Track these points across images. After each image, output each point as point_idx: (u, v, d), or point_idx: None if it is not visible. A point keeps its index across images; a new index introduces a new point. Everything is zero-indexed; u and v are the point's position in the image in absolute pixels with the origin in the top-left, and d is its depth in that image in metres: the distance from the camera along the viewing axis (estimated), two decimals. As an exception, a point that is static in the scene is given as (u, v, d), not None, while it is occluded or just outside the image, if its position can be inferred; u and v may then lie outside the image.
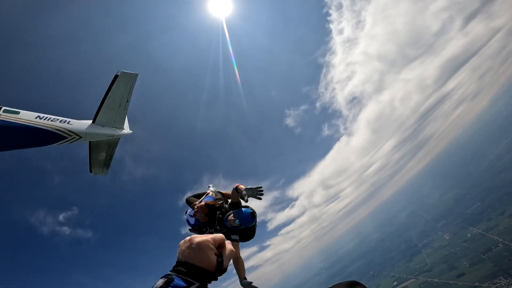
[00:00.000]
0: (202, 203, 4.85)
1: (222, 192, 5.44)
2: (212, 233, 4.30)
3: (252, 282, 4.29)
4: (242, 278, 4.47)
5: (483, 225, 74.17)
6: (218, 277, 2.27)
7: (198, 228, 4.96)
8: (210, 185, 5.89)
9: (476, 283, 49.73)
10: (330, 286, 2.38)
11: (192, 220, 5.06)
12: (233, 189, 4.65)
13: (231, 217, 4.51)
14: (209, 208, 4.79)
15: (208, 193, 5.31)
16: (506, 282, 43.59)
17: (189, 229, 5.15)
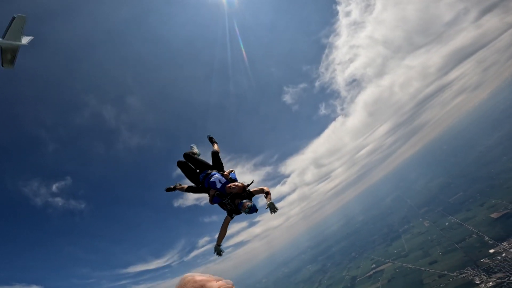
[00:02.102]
0: (243, 184, 6.33)
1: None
2: (229, 205, 6.29)
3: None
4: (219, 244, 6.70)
5: (462, 215, 77.95)
6: None
7: (220, 195, 6.43)
8: (193, 145, 8.08)
9: (446, 272, 53.20)
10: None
11: (219, 186, 6.50)
12: (261, 190, 6.36)
13: (247, 204, 5.90)
14: (244, 190, 6.30)
15: (232, 170, 7.04)
16: (473, 273, 46.66)
17: (215, 192, 6.53)
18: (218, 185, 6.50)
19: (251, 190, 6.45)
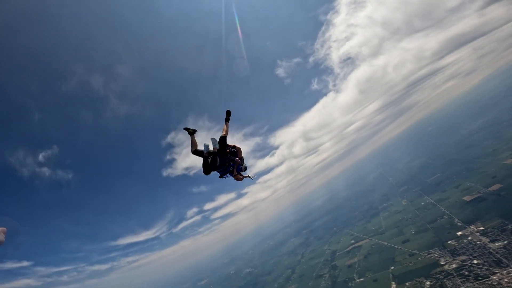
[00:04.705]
0: (241, 177, 9.17)
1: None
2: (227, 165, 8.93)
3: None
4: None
5: (437, 196, 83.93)
6: None
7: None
8: (209, 144, 9.09)
9: (416, 251, 58.73)
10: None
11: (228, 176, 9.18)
12: (237, 149, 9.32)
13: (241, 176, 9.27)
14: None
15: (239, 162, 9.18)
16: (439, 253, 51.80)
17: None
18: (227, 177, 9.03)
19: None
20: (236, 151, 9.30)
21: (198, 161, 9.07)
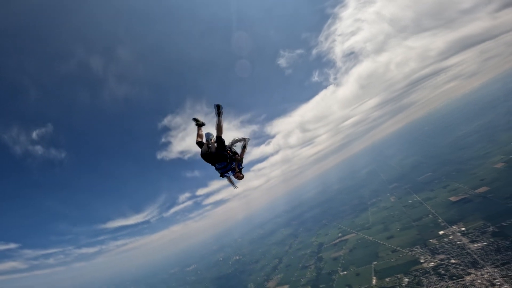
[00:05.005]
0: (241, 175, 9.21)
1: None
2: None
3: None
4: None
5: (425, 195, 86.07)
6: None
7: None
8: (210, 135, 9.23)
9: (398, 248, 60.77)
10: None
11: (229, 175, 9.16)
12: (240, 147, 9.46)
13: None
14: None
15: (239, 161, 9.16)
16: (420, 251, 53.79)
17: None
18: (229, 175, 9.13)
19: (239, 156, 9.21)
20: (236, 154, 9.30)
21: (194, 145, 9.35)
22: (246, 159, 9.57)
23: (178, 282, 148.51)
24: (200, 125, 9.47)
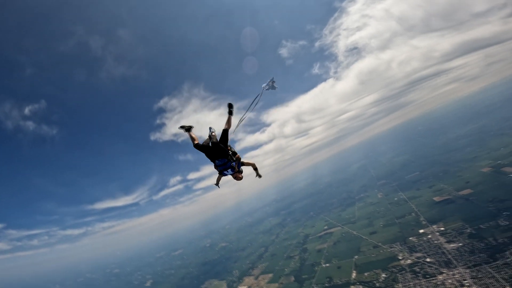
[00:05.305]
0: (240, 176, 8.94)
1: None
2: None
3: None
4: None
5: (410, 193, 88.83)
6: None
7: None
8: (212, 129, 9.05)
9: (380, 244, 63.29)
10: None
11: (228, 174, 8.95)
12: (252, 164, 9.29)
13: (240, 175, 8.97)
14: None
15: (240, 160, 9.02)
16: (399, 248, 56.35)
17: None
18: (227, 174, 8.89)
19: (244, 162, 9.00)
20: (236, 154, 9.17)
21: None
22: (239, 146, 9.69)
23: (164, 266, 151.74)
24: (188, 129, 9.33)
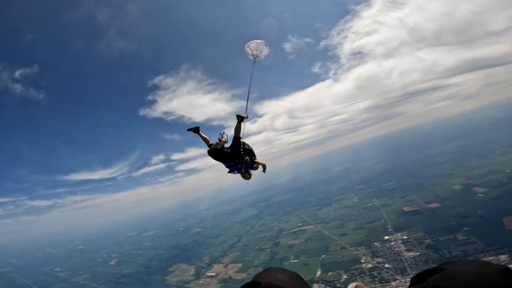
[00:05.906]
0: (248, 176, 9.20)
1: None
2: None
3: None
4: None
5: (384, 201, 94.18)
6: None
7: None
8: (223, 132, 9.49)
9: (347, 245, 67.64)
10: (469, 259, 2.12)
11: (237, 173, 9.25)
12: (262, 164, 9.57)
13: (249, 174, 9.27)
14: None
15: (248, 162, 9.05)
16: (364, 252, 60.68)
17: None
18: (236, 173, 9.34)
19: (256, 161, 9.40)
20: (251, 150, 9.51)
21: (180, 108, 9.45)
22: (228, 133, 9.83)
23: (133, 246, 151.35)
24: (196, 131, 9.61)
